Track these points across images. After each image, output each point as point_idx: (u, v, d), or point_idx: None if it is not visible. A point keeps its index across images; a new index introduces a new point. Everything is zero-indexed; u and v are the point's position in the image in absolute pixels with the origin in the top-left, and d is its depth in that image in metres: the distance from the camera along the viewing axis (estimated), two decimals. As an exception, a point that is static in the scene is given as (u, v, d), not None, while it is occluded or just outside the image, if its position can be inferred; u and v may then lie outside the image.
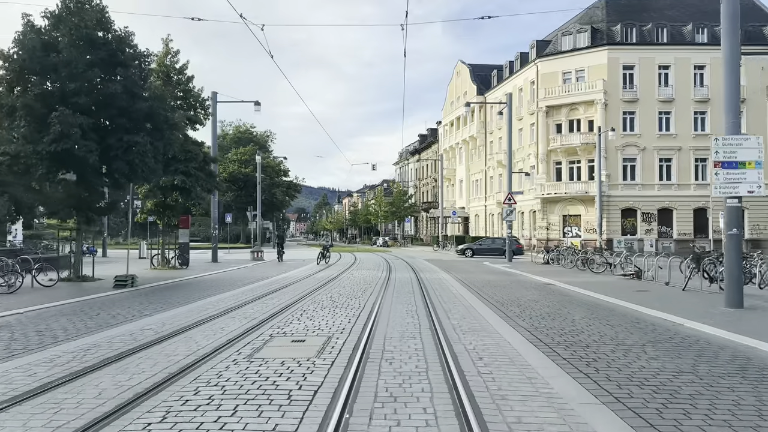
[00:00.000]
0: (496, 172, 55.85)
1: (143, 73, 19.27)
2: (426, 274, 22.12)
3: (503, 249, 37.40)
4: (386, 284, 17.24)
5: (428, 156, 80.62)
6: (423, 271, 23.88)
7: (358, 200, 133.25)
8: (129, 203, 50.61)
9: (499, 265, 28.31)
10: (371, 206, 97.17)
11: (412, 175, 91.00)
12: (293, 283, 17.57)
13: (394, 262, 31.45)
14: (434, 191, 77.48)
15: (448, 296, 14.46)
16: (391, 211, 76.24)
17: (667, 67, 44.77)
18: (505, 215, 32.19)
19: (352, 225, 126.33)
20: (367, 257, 38.81)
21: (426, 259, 35.19)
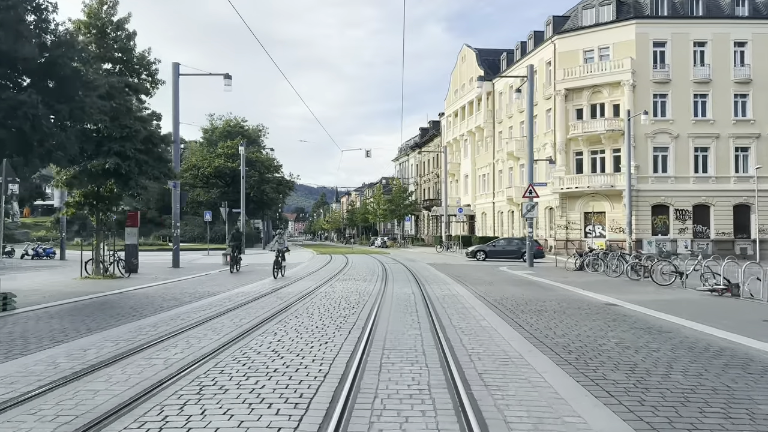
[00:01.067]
0: (506, 166, 50.46)
1: (40, 12, 13.89)
2: (434, 288, 16.71)
3: (521, 251, 32.08)
4: (377, 308, 11.84)
5: (430, 150, 75.24)
6: (429, 283, 18.49)
7: (356, 199, 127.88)
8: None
9: (521, 272, 22.93)
10: (369, 204, 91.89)
11: (412, 171, 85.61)
12: (243, 305, 12.18)
13: (391, 268, 26.08)
14: (436, 188, 72.12)
15: (479, 337, 8.96)
16: (390, 209, 70.82)
17: (703, 44, 39.35)
18: (525, 211, 26.81)
19: (349, 224, 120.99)
20: (361, 261, 33.43)
21: (430, 263, 29.82)
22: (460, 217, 44.24)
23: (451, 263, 30.68)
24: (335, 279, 19.55)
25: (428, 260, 33.70)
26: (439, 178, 70.45)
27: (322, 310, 11.33)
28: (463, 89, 59.76)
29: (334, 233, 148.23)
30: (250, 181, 65.60)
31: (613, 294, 14.35)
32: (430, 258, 36.94)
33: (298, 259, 35.17)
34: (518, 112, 47.91)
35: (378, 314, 10.84)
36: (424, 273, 22.78)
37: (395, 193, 71.09)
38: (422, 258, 36.88)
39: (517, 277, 21.12)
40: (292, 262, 31.45)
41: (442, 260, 34.16)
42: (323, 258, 37.89)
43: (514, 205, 48.06)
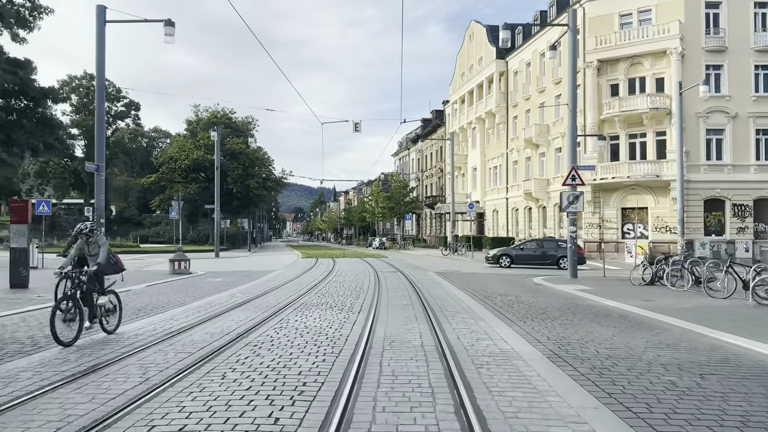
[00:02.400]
0: (522, 155, 43.69)
1: None
2: (458, 328, 9.78)
3: (556, 256, 25.42)
4: (349, 396, 5.09)
5: (433, 143, 68.44)
6: (446, 313, 11.69)
7: (354, 197, 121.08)
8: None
9: (570, 288, 16.16)
10: (367, 202, 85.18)
11: (413, 167, 78.85)
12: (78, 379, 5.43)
13: (388, 280, 19.32)
14: (440, 183, 65.35)
15: None
16: (389, 207, 64.04)
17: (766, 5, 32.63)
18: (566, 204, 20.04)
19: (347, 224, 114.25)
20: (350, 268, 26.73)
21: (439, 273, 23.05)
22: (470, 214, 37.44)
23: (467, 271, 23.91)
24: (299, 303, 12.79)
25: (436, 267, 26.95)
26: (443, 173, 63.75)
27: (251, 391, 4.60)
28: (471, 71, 52.98)
29: (330, 233, 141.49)
30: (232, 175, 58.96)
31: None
32: (437, 264, 30.21)
33: (273, 266, 28.45)
34: (538, 92, 41.16)
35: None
36: (434, 291, 15.98)
37: (394, 190, 64.33)
38: (428, 264, 30.14)
39: (580, 299, 14.33)
40: (264, 269, 24.81)
41: (454, 267, 27.39)
42: (305, 263, 31.21)
43: (533, 201, 41.29)
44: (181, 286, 17.19)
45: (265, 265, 29.08)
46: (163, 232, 72.78)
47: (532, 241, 27.86)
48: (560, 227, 38.61)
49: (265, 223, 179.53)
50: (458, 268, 26.80)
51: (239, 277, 21.10)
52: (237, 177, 58.29)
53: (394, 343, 7.82)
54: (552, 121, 39.25)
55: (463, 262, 32.68)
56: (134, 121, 77.43)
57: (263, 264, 30.91)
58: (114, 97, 74.32)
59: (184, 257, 23.25)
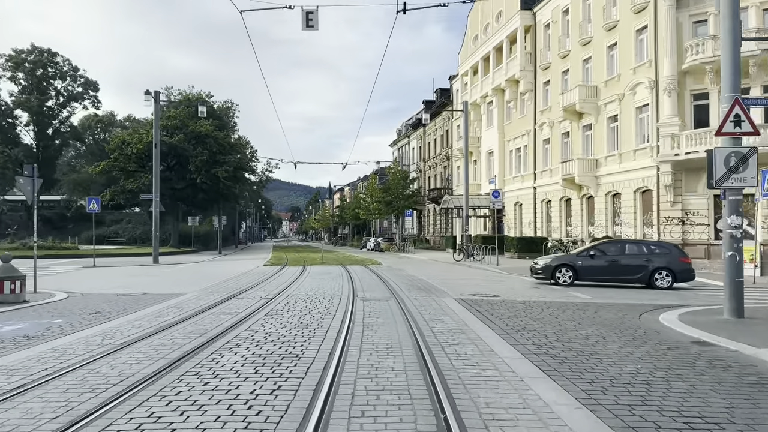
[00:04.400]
0: (557, 131, 33.68)
1: None
2: None
3: (647, 267, 15.72)
4: None
5: (437, 127, 58.41)
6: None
7: (349, 194, 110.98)
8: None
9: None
10: (362, 198, 75.19)
11: (414, 156, 68.82)
12: None
13: (370, 326, 9.09)
14: (446, 173, 55.31)
15: None
16: (386, 201, 54.01)
17: None
18: (722, 172, 10.05)
19: (340, 223, 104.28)
20: (318, 288, 16.58)
21: (463, 299, 12.91)
22: (493, 206, 27.07)
23: (509, 297, 13.78)
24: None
25: (453, 285, 16.84)
26: (449, 161, 53.72)
27: None
28: (487, 32, 42.95)
29: (324, 233, 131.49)
30: (195, 162, 48.90)
31: None
32: (452, 278, 20.15)
33: (205, 280, 18.32)
34: (581, 46, 31.16)
35: None
36: (484, 380, 5.76)
37: (392, 181, 54.25)
38: (438, 276, 20.09)
39: None
40: (173, 291, 14.22)
41: (482, 285, 17.29)
42: (261, 273, 21.33)
43: (574, 189, 31.28)
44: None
45: (190, 282, 19.09)
46: (123, 231, 62.82)
47: (607, 244, 17.78)
48: (614, 224, 28.58)
49: (256, 222, 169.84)
50: (489, 286, 16.73)
51: (101, 311, 11.08)
52: (201, 165, 48.17)
53: None
54: (603, 80, 29.20)
55: (490, 274, 22.63)
56: (94, 105, 67.58)
57: (195, 277, 20.95)
58: (68, 75, 64.47)
59: (18, 275, 13.16)
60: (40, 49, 62.34)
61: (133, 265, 29.02)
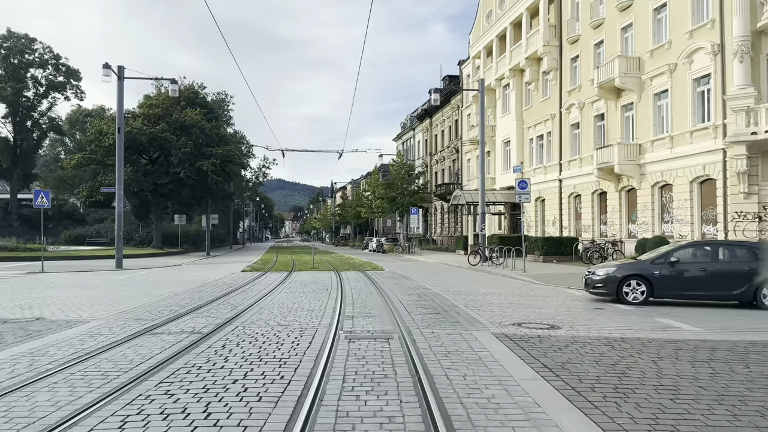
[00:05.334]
0: (588, 113, 28.93)
1: None
2: None
3: (751, 280, 10.73)
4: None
5: (445, 117, 53.68)
6: None
7: (351, 193, 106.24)
8: None
9: None
10: (363, 195, 70.58)
11: (419, 150, 64.09)
12: None
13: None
14: (455, 168, 50.59)
15: None
16: (390, 197, 49.31)
17: None
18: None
19: (342, 222, 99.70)
20: (293, 305, 11.85)
21: (507, 336, 8.18)
22: (523, 198, 22.19)
23: (579, 328, 9.00)
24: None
25: (481, 300, 12.09)
26: (459, 153, 49.00)
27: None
28: (503, 5, 38.21)
29: (326, 233, 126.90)
30: (177, 154, 44.23)
31: None
32: (475, 288, 15.33)
33: (161, 291, 13.60)
34: (618, 12, 26.37)
35: None
36: None
37: (395, 175, 49.52)
38: (458, 288, 15.30)
39: None
40: (68, 317, 9.58)
41: (517, 304, 12.49)
42: (231, 282, 16.70)
43: (611, 180, 26.54)
44: None
45: (127, 298, 14.47)
46: (105, 231, 58.25)
47: (693, 246, 13.04)
48: (662, 221, 23.81)
49: (256, 222, 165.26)
50: (530, 305, 11.94)
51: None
52: (184, 157, 43.49)
53: None
54: (648, 50, 24.41)
55: (520, 284, 17.89)
56: (76, 95, 62.96)
57: (142, 290, 16.28)
58: (49, 64, 59.94)
59: None
60: (17, 35, 57.84)
61: (90, 271, 24.43)
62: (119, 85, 27.30)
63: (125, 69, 27.37)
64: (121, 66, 27.26)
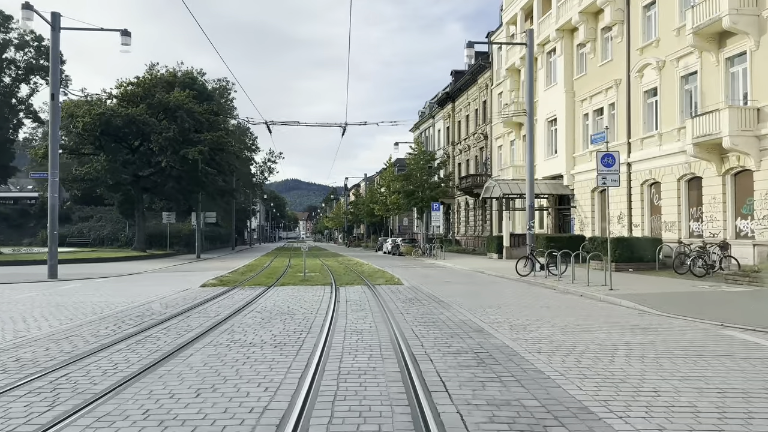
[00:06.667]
0: (674, 72, 21.88)
1: None
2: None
3: None
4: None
5: (470, 101, 46.78)
6: None
7: (365, 189, 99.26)
8: None
9: None
10: (377, 191, 63.99)
11: (439, 140, 57.19)
12: None
13: None
14: (482, 157, 43.69)
15: None
16: (407, 191, 42.50)
17: None
18: None
19: (354, 221, 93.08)
20: (208, 397, 4.73)
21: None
22: (609, 181, 15.49)
23: None
24: None
25: (607, 374, 5.23)
26: (487, 140, 42.07)
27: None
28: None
29: (338, 233, 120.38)
30: (158, 139, 37.73)
31: None
32: (575, 335, 8.27)
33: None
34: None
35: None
36: None
37: (413, 166, 42.62)
38: (541, 329, 8.28)
39: None
40: None
41: (703, 386, 5.61)
42: (160, 310, 9.66)
43: (713, 160, 19.47)
44: None
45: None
46: (88, 231, 52.06)
47: None
48: (753, 216, 16.72)
49: (268, 221, 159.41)
50: (724, 391, 5.09)
51: None
52: (165, 144, 36.94)
53: None
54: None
55: (627, 314, 10.98)
56: (63, 83, 56.81)
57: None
58: (29, 45, 53.94)
59: None
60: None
61: (9, 283, 18.02)
62: (53, 36, 20.80)
63: (61, 17, 20.86)
64: (56, 13, 20.75)
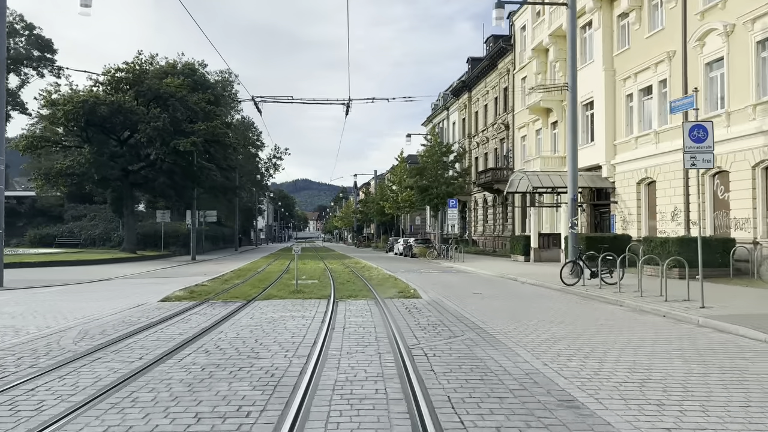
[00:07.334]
0: (747, 38, 17.99)
1: None
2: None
3: None
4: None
5: (489, 88, 43.01)
6: None
7: (376, 187, 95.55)
8: None
9: None
10: (388, 187, 60.37)
11: (454, 134, 53.41)
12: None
13: None
14: (503, 150, 39.91)
15: None
16: (420, 186, 38.80)
17: None
18: None
19: (364, 220, 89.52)
20: None
21: None
22: (701, 162, 12.01)
23: None
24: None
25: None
26: (509, 131, 38.29)
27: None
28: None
29: (347, 232, 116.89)
30: (146, 129, 34.28)
31: None
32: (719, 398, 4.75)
33: None
34: None
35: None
36: None
37: (427, 159, 38.88)
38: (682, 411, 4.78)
39: None
40: None
41: None
42: (65, 347, 5.89)
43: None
44: None
45: None
46: (79, 231, 48.76)
47: None
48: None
49: (277, 221, 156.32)
50: None
51: None
52: (154, 134, 33.44)
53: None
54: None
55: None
56: (53, 73, 53.61)
57: None
58: (20, 34, 50.86)
59: None
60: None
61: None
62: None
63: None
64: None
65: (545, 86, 29.27)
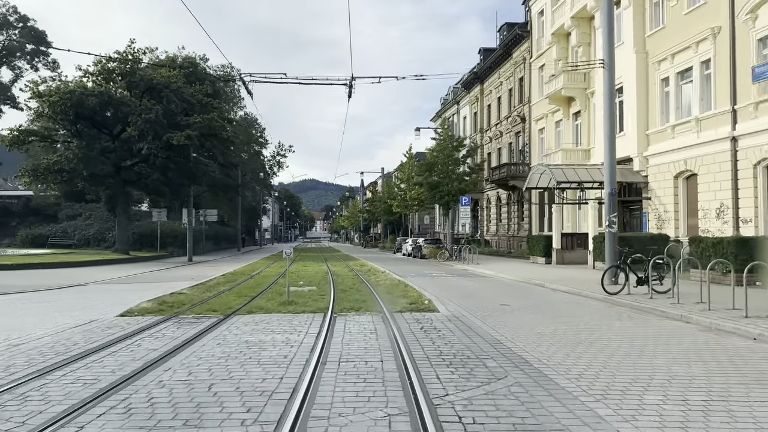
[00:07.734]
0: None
1: None
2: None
3: None
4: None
5: (502, 79, 40.57)
6: None
7: (383, 186, 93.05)
8: None
9: None
10: (395, 185, 58.08)
11: (465, 128, 50.98)
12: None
13: None
14: (517, 144, 37.48)
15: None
16: (431, 183, 36.41)
17: None
18: None
19: (371, 220, 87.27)
20: None
21: None
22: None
23: None
24: None
25: None
26: (525, 123, 35.85)
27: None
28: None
29: (354, 232, 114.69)
30: (137, 122, 32.08)
31: None
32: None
33: None
34: None
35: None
36: None
37: (438, 153, 36.47)
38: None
39: None
40: None
41: None
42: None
43: None
44: None
45: None
46: (73, 231, 46.66)
47: None
48: None
49: (283, 221, 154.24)
50: None
51: None
52: (146, 127, 31.19)
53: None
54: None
55: None
56: (48, 66, 51.59)
57: None
58: (14, 26, 48.93)
59: None
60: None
61: None
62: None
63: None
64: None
65: (575, 64, 26.73)
